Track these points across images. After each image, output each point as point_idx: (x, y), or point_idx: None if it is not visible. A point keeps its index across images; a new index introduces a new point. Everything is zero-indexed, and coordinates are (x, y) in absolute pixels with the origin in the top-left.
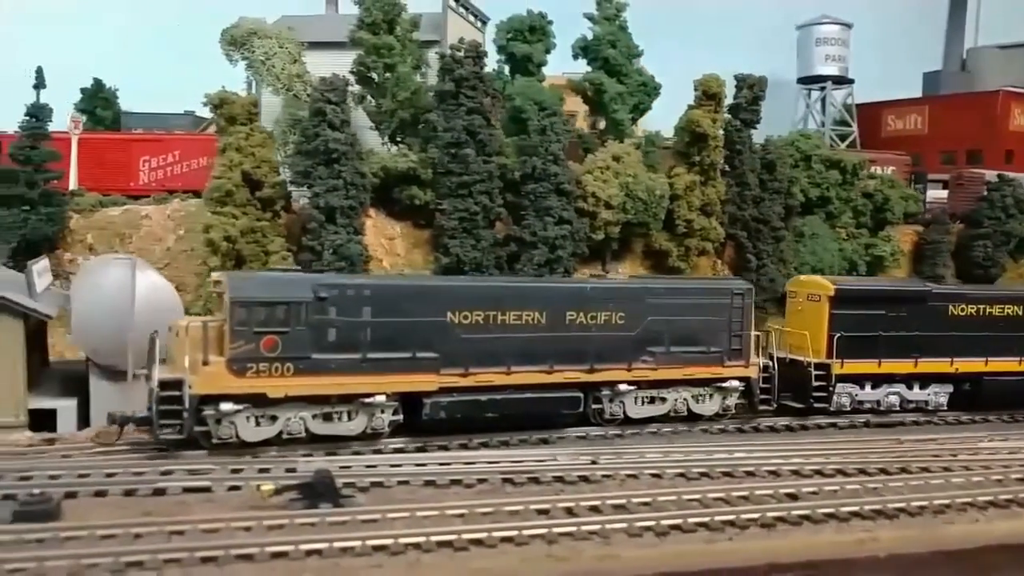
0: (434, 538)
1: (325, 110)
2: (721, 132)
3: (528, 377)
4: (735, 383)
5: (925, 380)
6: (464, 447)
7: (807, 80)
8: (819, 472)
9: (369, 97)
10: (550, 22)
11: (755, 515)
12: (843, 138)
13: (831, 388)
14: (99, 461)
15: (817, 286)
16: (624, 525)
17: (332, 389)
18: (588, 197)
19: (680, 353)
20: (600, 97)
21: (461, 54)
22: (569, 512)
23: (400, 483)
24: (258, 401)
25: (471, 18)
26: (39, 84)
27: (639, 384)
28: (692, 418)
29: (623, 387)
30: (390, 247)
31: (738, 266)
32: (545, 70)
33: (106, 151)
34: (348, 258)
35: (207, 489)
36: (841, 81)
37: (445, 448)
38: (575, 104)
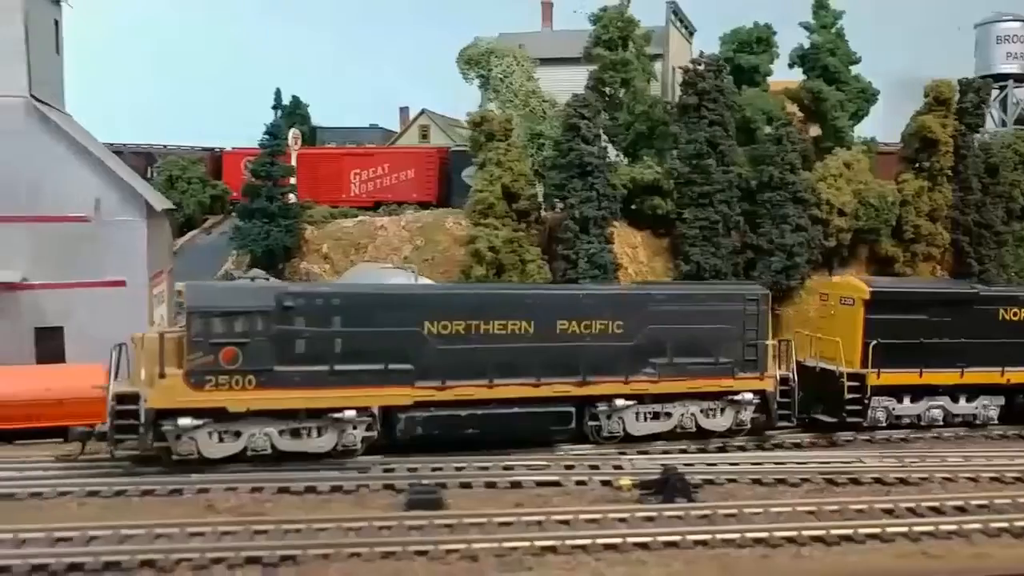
0: (780, 533)
1: (579, 125)
2: (950, 138)
3: (512, 391)
4: (749, 396)
5: (972, 392)
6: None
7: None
8: None
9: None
10: (774, 33)
11: None
12: None
13: (866, 401)
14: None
15: (850, 288)
16: (979, 526)
17: (296, 403)
18: (822, 204)
19: (685, 365)
20: (819, 105)
21: (702, 67)
22: (912, 512)
23: (729, 480)
24: (219, 416)
25: (684, 31)
26: (277, 105)
27: (640, 398)
28: (701, 435)
29: (620, 402)
30: (633, 255)
31: (959, 271)
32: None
33: (319, 165)
34: (602, 266)
35: (557, 483)
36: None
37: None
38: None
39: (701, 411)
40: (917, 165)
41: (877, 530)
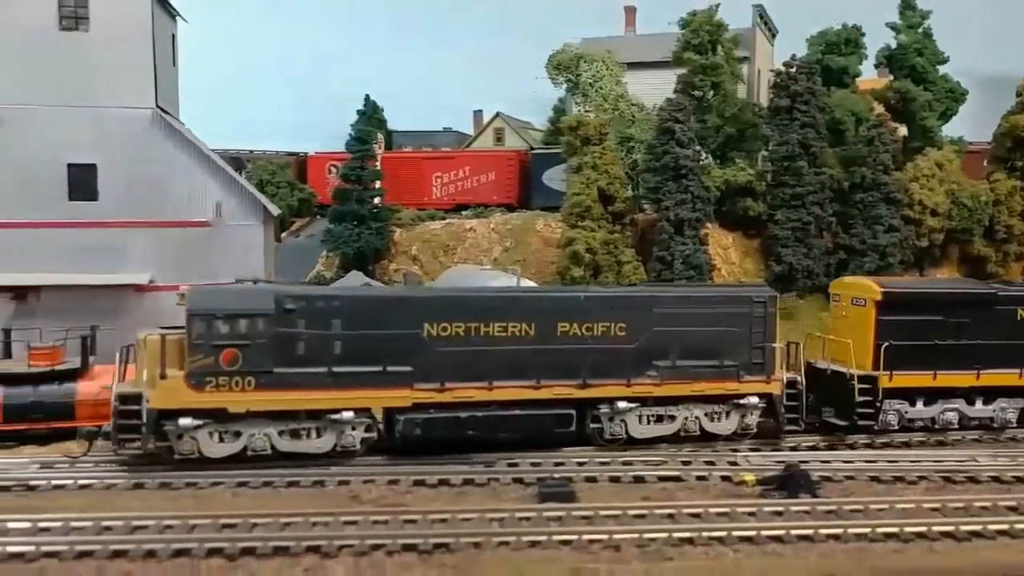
0: (911, 529)
1: (673, 128)
2: None
3: (512, 393)
4: (754, 400)
5: (989, 394)
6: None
7: None
8: None
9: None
10: (863, 34)
11: None
12: None
13: (878, 404)
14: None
15: (862, 289)
16: None
17: (294, 404)
18: (915, 205)
19: (689, 367)
20: (907, 105)
21: (794, 70)
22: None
23: (847, 478)
24: (220, 416)
25: (767, 33)
26: (365, 111)
27: (643, 401)
28: (706, 438)
29: (622, 404)
30: (725, 256)
31: None
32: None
33: (402, 169)
34: (697, 267)
35: (678, 479)
36: None
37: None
38: None
39: (706, 414)
40: (1009, 164)
41: (1005, 526)
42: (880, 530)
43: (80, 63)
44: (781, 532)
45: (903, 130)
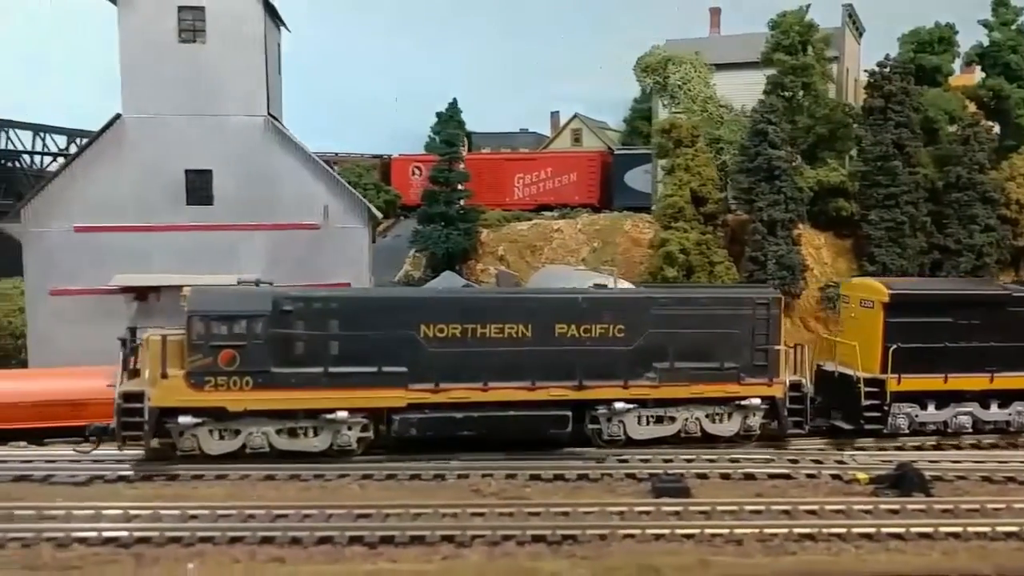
0: None
1: (766, 130)
2: None
3: (507, 394)
4: (756, 402)
5: (1006, 398)
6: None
7: None
8: None
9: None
10: (956, 32)
11: None
12: None
13: (886, 407)
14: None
15: (870, 290)
16: None
17: (290, 404)
18: (1011, 204)
19: (688, 370)
20: (1000, 103)
21: (888, 70)
22: None
23: (958, 477)
24: (219, 415)
25: (855, 32)
26: (452, 114)
27: (643, 402)
28: (708, 440)
29: (619, 405)
30: (817, 256)
31: None
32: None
33: (484, 170)
34: (790, 268)
35: (788, 476)
36: None
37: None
38: None
39: (707, 416)
40: None
41: None
42: (1000, 529)
43: (198, 74)
44: (901, 530)
45: (996, 128)
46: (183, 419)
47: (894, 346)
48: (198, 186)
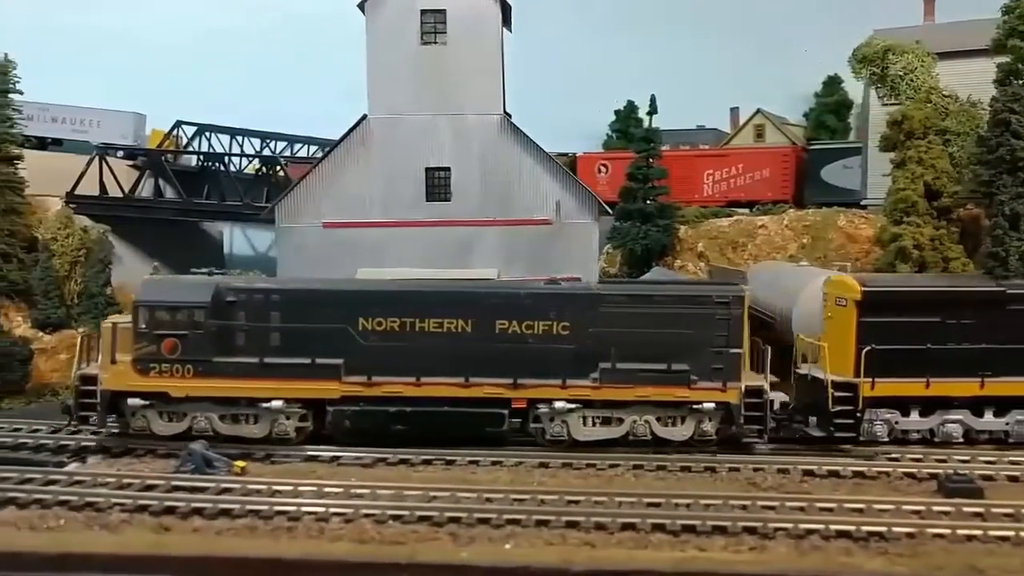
0: None
1: (1009, 120)
2: None
3: (440, 390)
4: (711, 407)
5: (1003, 406)
6: None
7: None
8: None
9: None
10: None
11: None
12: None
13: (859, 414)
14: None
15: (843, 287)
16: None
17: (227, 392)
18: None
19: (632, 371)
20: None
21: None
22: None
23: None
24: (166, 399)
25: None
26: (652, 111)
27: (589, 403)
28: (659, 443)
29: (560, 405)
30: None
31: None
32: None
33: (673, 167)
34: None
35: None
36: None
37: None
38: None
39: (658, 419)
40: None
41: None
42: None
43: (438, 74)
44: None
45: None
46: (131, 401)
47: (867, 348)
48: (437, 183)
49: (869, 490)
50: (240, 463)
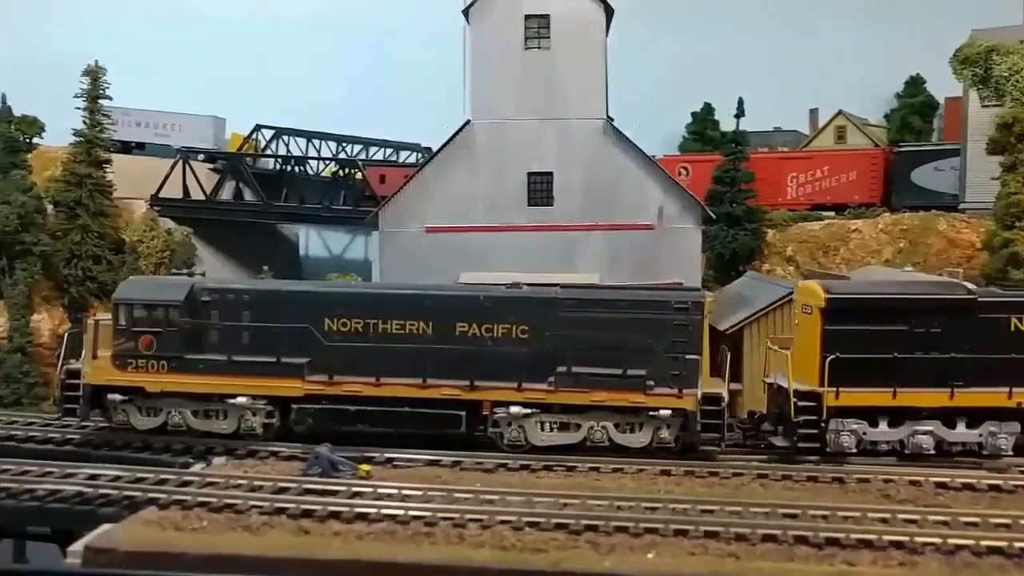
0: None
1: None
2: None
3: (399, 390)
4: (667, 413)
5: (976, 416)
6: None
7: None
8: None
9: None
10: None
11: None
12: None
13: (823, 424)
14: None
15: (808, 294)
16: None
17: (197, 388)
18: None
19: (587, 376)
20: None
21: None
22: None
23: None
24: (143, 393)
25: None
26: (739, 113)
27: (547, 408)
28: (618, 450)
29: (515, 409)
30: None
31: None
32: None
33: (757, 169)
34: None
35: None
36: None
37: None
38: None
39: (615, 425)
40: None
41: None
42: None
43: (541, 79)
44: None
45: None
46: (111, 396)
47: (832, 356)
48: (540, 187)
49: (1009, 504)
50: (365, 467)
